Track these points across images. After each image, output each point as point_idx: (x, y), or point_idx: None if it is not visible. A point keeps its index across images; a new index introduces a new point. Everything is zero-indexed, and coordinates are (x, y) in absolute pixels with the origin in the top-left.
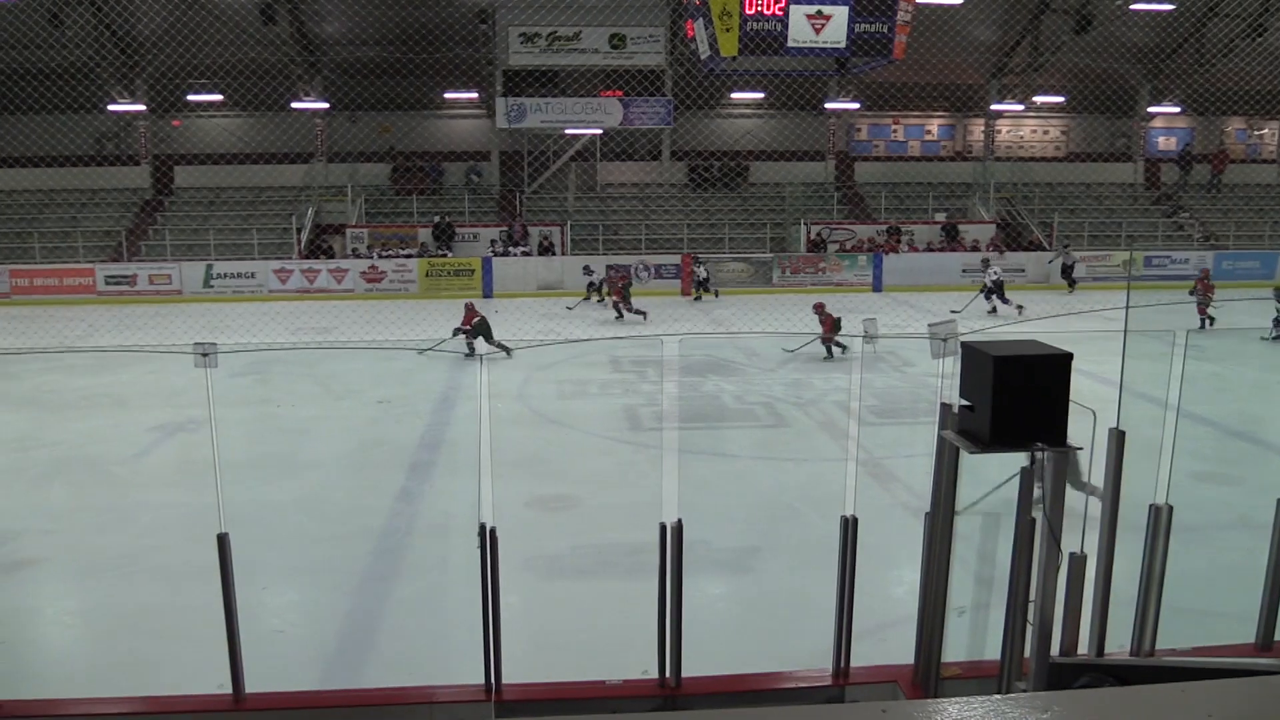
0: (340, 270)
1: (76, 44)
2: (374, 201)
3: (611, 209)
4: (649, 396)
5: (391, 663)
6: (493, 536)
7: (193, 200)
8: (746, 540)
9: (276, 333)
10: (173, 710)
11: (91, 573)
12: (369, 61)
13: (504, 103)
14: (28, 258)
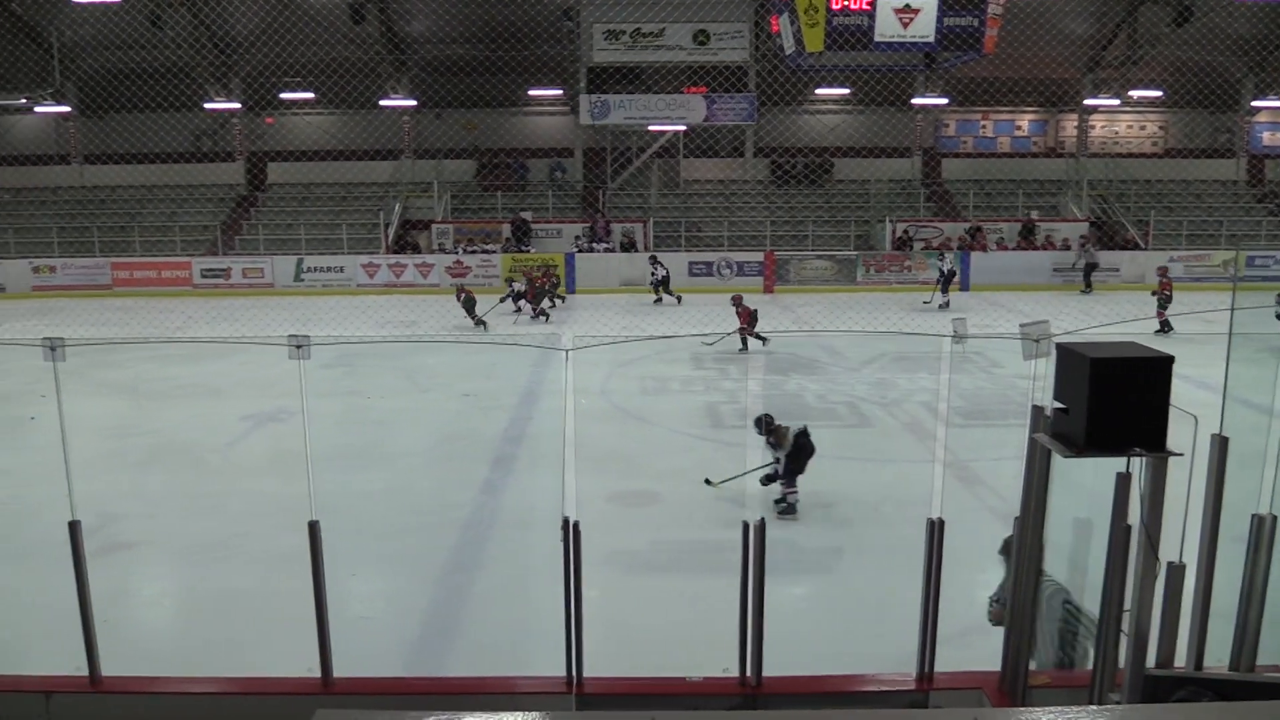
0: (426, 265)
1: (175, 44)
2: (459, 198)
3: (694, 206)
4: (730, 394)
5: (473, 652)
6: (575, 530)
7: (285, 196)
8: (829, 541)
9: (364, 326)
10: (263, 691)
11: (186, 556)
12: (456, 59)
13: (588, 99)
14: (128, 251)
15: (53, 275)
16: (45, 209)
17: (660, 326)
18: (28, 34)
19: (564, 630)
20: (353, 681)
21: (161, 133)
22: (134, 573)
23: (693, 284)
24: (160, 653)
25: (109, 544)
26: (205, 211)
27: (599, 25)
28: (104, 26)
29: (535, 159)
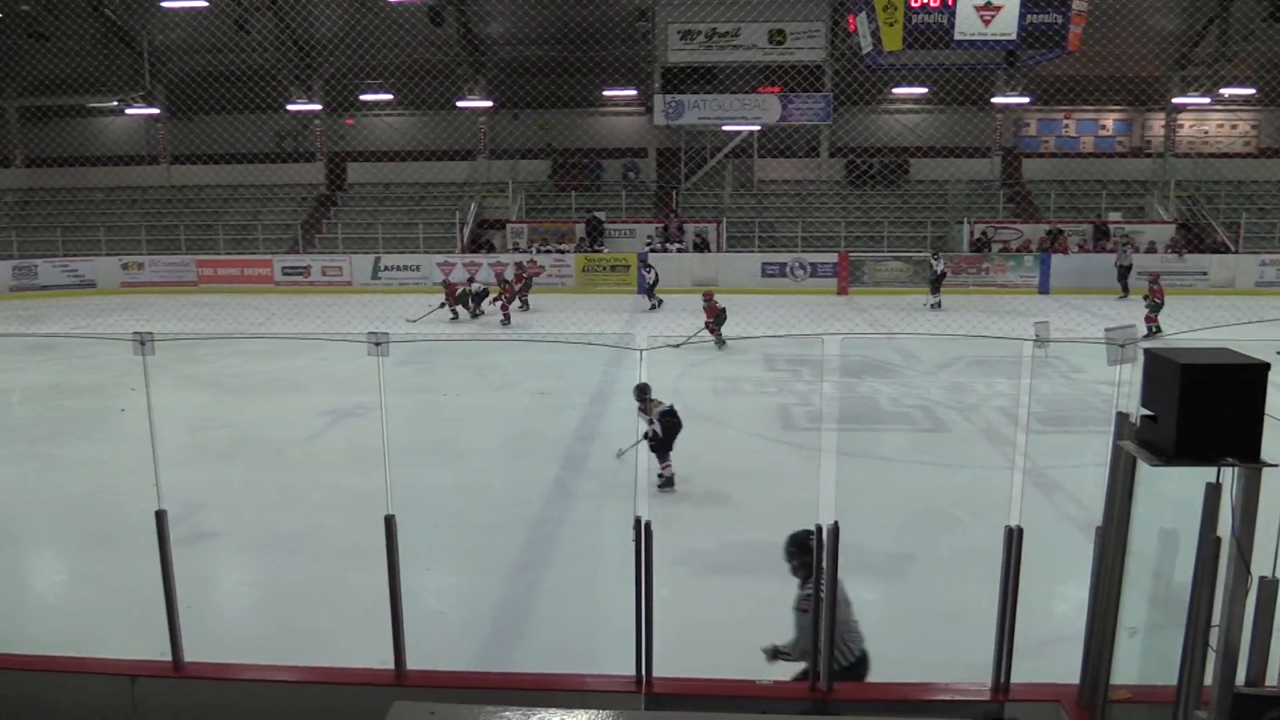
0: (500, 264)
1: (260, 47)
2: (534, 197)
3: (767, 206)
4: (803, 396)
5: (542, 649)
6: (647, 530)
7: (363, 195)
8: (902, 546)
9: (438, 324)
10: (338, 681)
11: (266, 547)
12: (531, 60)
13: (662, 100)
14: (213, 248)
15: (141, 272)
16: (135, 208)
17: (733, 327)
18: (120, 39)
19: (634, 629)
20: (425, 674)
21: (245, 134)
22: (215, 561)
23: (765, 285)
24: (238, 640)
25: (192, 533)
26: (287, 210)
27: (674, 25)
28: (192, 30)
29: (609, 159)
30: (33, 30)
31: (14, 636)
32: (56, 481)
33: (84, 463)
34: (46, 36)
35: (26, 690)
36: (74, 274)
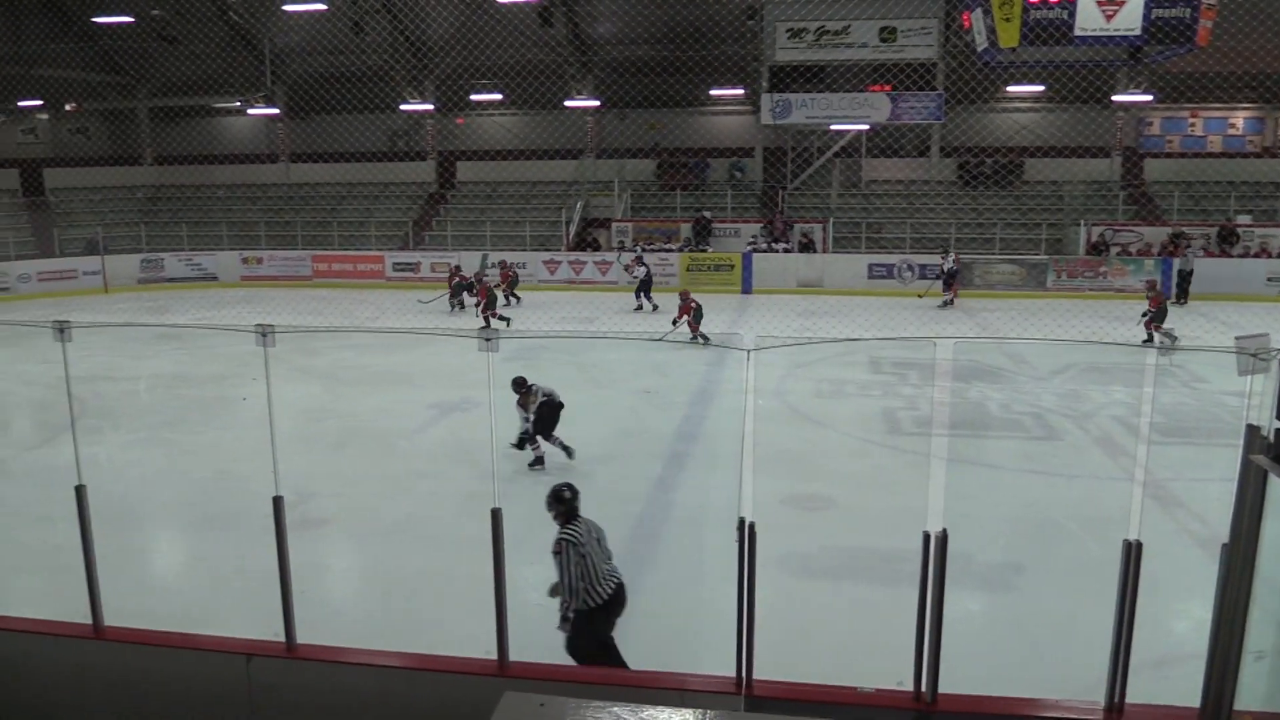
0: (605, 263)
1: (375, 49)
2: (639, 196)
3: (875, 206)
4: (909, 400)
5: (642, 646)
6: (751, 531)
7: (472, 194)
8: (1010, 556)
9: (543, 321)
10: (442, 669)
11: (374, 535)
12: (639, 60)
13: (769, 99)
14: (328, 244)
15: (259, 266)
16: (255, 204)
17: (839, 329)
18: (244, 42)
19: (735, 630)
20: (527, 666)
21: (360, 133)
22: (325, 547)
23: (872, 286)
24: (346, 624)
25: (304, 519)
26: (398, 208)
27: (782, 24)
28: (311, 33)
29: (715, 158)
30: (163, 34)
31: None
32: (179, 465)
33: (204, 448)
34: (176, 40)
35: (148, 664)
36: (197, 267)
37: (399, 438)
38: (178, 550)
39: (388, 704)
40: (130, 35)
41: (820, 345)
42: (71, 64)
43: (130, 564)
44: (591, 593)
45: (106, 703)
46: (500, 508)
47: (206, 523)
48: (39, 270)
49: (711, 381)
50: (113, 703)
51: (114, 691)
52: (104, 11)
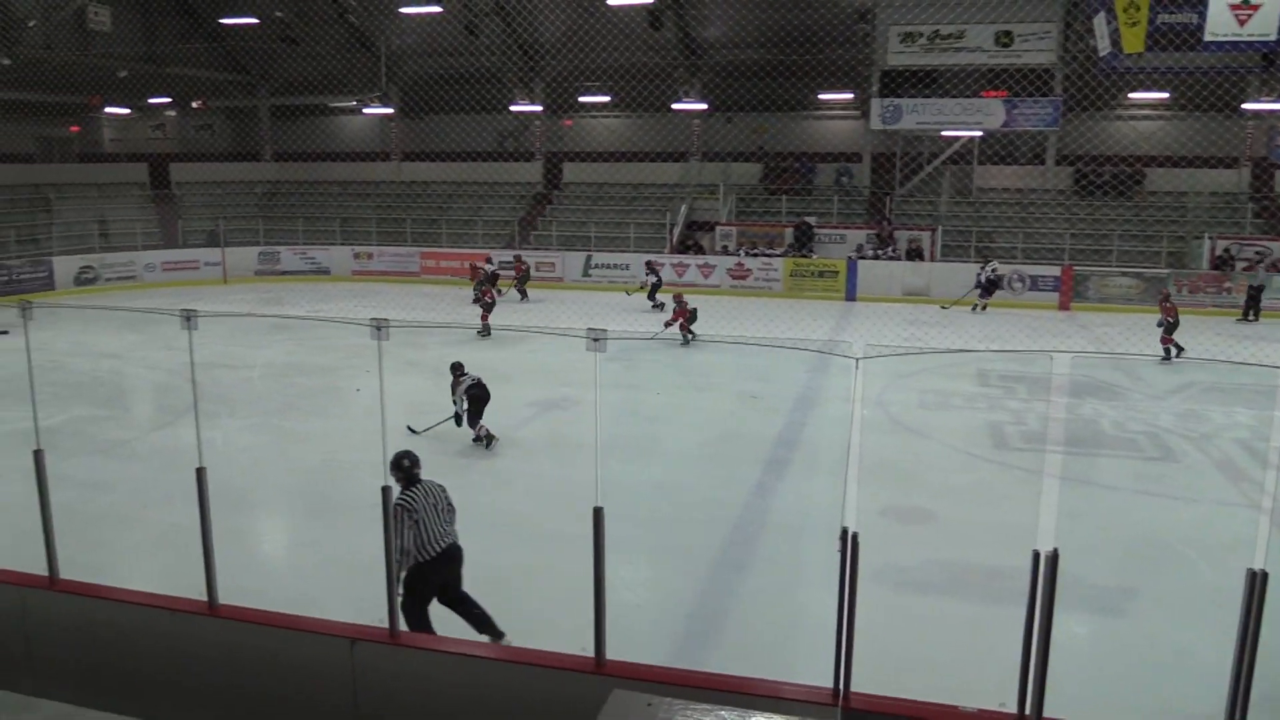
0: (708, 266)
1: (487, 51)
2: (744, 200)
3: (986, 215)
4: (1016, 414)
5: (736, 651)
6: (854, 541)
7: (577, 195)
8: (1121, 580)
9: (644, 322)
10: (539, 663)
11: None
12: (747, 63)
13: (879, 103)
14: (436, 242)
15: (370, 261)
16: (367, 201)
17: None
18: (361, 43)
19: (833, 641)
20: (623, 665)
21: (470, 133)
22: None
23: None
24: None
25: None
26: (505, 208)
27: (895, 28)
28: (426, 35)
29: (822, 163)
30: (285, 35)
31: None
32: (288, 453)
33: (313, 436)
34: (297, 41)
35: (257, 643)
36: (311, 261)
37: (499, 433)
38: (285, 534)
39: (485, 695)
40: (254, 36)
41: (925, 355)
42: (199, 64)
43: (240, 545)
44: (422, 552)
45: (217, 678)
46: (602, 506)
47: (313, 508)
48: (163, 260)
49: (813, 388)
50: (223, 679)
51: (225, 668)
52: (231, 13)
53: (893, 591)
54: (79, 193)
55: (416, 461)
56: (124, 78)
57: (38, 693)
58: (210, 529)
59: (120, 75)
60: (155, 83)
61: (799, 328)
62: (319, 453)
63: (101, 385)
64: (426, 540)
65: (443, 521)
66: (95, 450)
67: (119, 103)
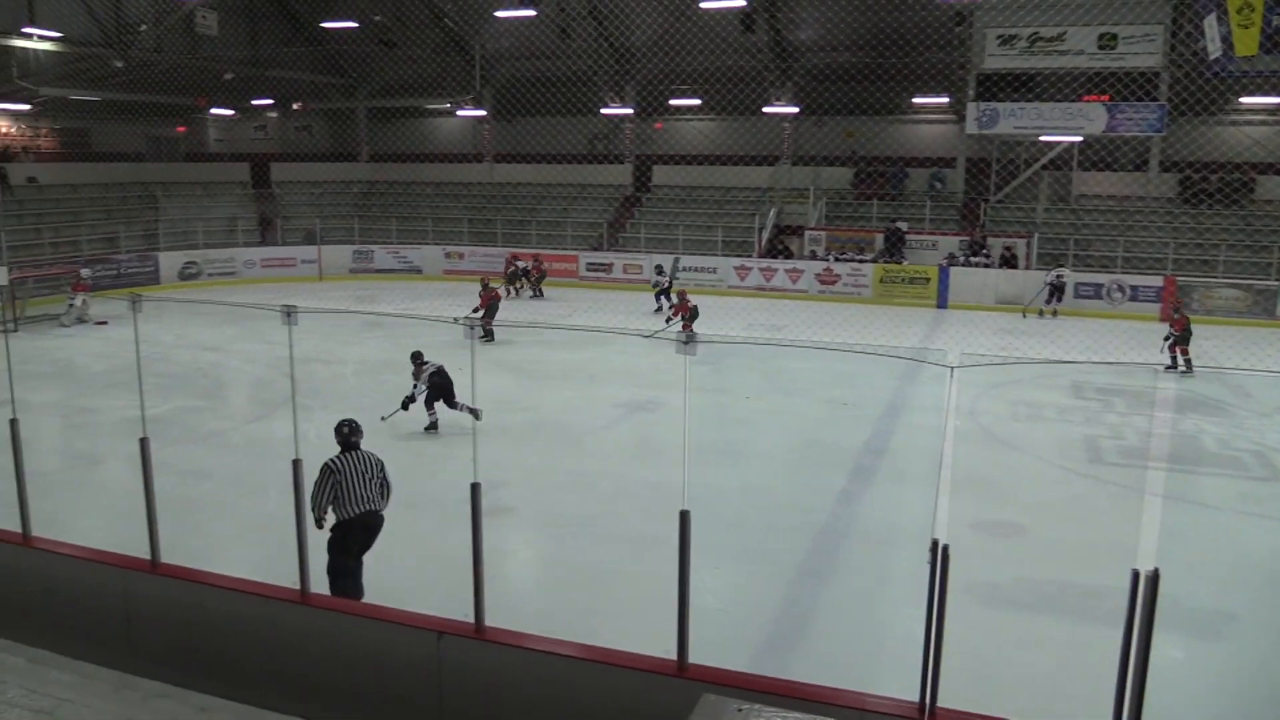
0: (796, 271)
1: (580, 54)
2: (834, 205)
3: (1085, 223)
4: (1114, 429)
5: (818, 660)
6: (945, 554)
7: (666, 197)
8: (1221, 603)
9: (731, 326)
10: (621, 664)
11: (557, 526)
12: (840, 67)
13: (975, 107)
14: (525, 242)
15: (460, 261)
16: (459, 202)
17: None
18: (457, 47)
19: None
20: (705, 669)
21: (561, 135)
22: (510, 535)
23: (1078, 307)
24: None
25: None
26: (594, 209)
27: (993, 30)
28: (520, 38)
29: (914, 168)
30: (383, 39)
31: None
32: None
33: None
34: (394, 45)
35: (346, 633)
36: (404, 260)
37: (585, 434)
38: None
39: (568, 693)
40: (353, 40)
41: (1018, 366)
42: (300, 66)
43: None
44: (340, 511)
45: (307, 666)
46: (688, 510)
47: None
48: (262, 257)
49: (902, 396)
50: (312, 666)
51: (314, 656)
52: (332, 17)
53: (982, 606)
54: (184, 191)
55: (356, 430)
56: (229, 80)
57: (136, 671)
58: (304, 520)
59: (226, 78)
60: (258, 85)
61: (888, 335)
62: (406, 448)
63: (203, 377)
64: (345, 501)
65: (369, 490)
66: (195, 439)
67: (224, 104)
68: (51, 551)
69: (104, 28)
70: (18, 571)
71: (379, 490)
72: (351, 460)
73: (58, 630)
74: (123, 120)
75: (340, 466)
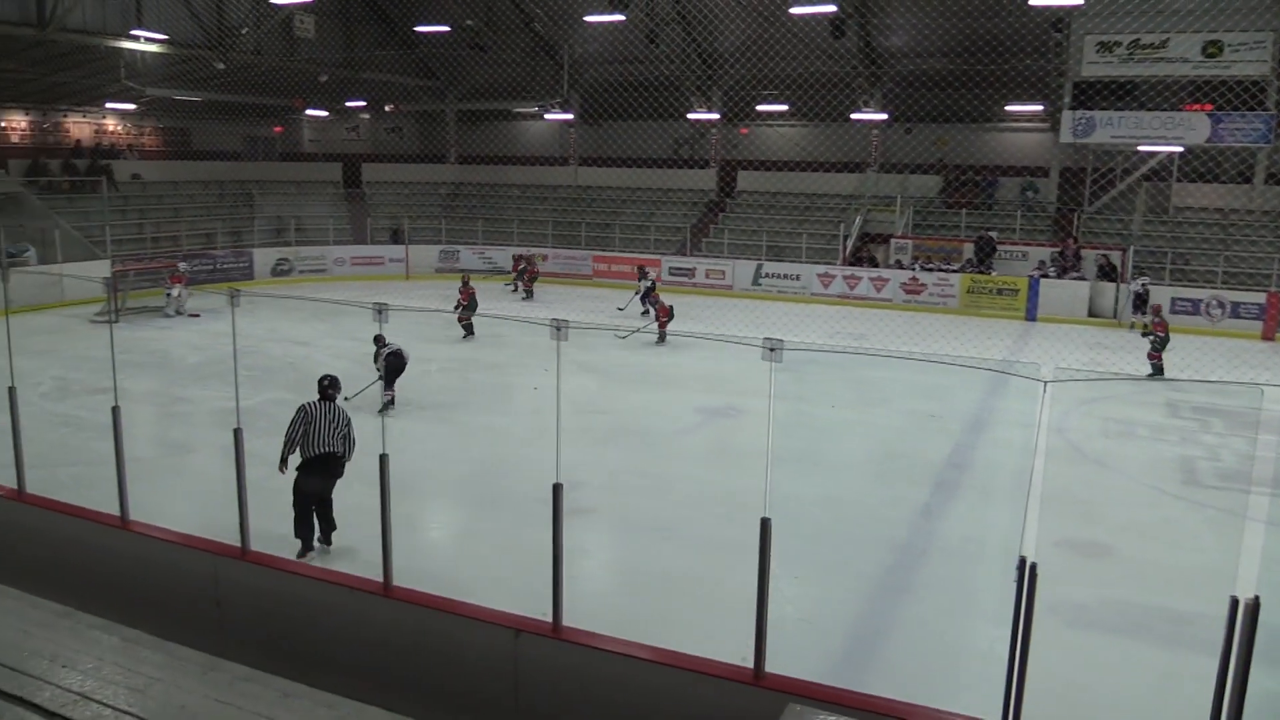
0: (881, 279)
1: (667, 59)
2: (922, 213)
3: (1184, 236)
4: (1211, 449)
5: (896, 676)
6: (1032, 572)
7: (751, 203)
8: None
9: (813, 334)
10: (697, 669)
11: (635, 528)
12: (931, 73)
13: (1071, 116)
14: (609, 246)
15: (544, 263)
16: (544, 204)
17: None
18: (545, 51)
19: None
20: (783, 679)
21: (647, 140)
22: (587, 536)
23: (1175, 322)
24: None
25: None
26: (678, 214)
27: (1092, 37)
28: (608, 43)
29: (1006, 177)
30: (474, 43)
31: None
32: (461, 445)
33: (485, 431)
34: (484, 48)
35: (427, 626)
36: (488, 260)
37: (664, 438)
38: (454, 522)
39: (642, 695)
40: (445, 43)
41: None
42: (392, 69)
43: (411, 529)
44: (305, 450)
45: (387, 657)
46: (770, 518)
47: (483, 499)
48: (352, 255)
49: (987, 410)
50: (392, 658)
51: (395, 647)
52: (425, 21)
53: (1067, 628)
54: (279, 189)
55: (335, 384)
56: (324, 82)
57: (224, 654)
58: (389, 514)
59: (321, 80)
60: (352, 87)
61: (974, 346)
62: (490, 446)
63: (294, 370)
64: (311, 442)
65: (333, 437)
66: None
67: (319, 105)
68: (148, 535)
69: (207, 30)
70: (116, 553)
71: (342, 440)
72: (323, 408)
73: (150, 611)
74: (222, 120)
75: (312, 411)
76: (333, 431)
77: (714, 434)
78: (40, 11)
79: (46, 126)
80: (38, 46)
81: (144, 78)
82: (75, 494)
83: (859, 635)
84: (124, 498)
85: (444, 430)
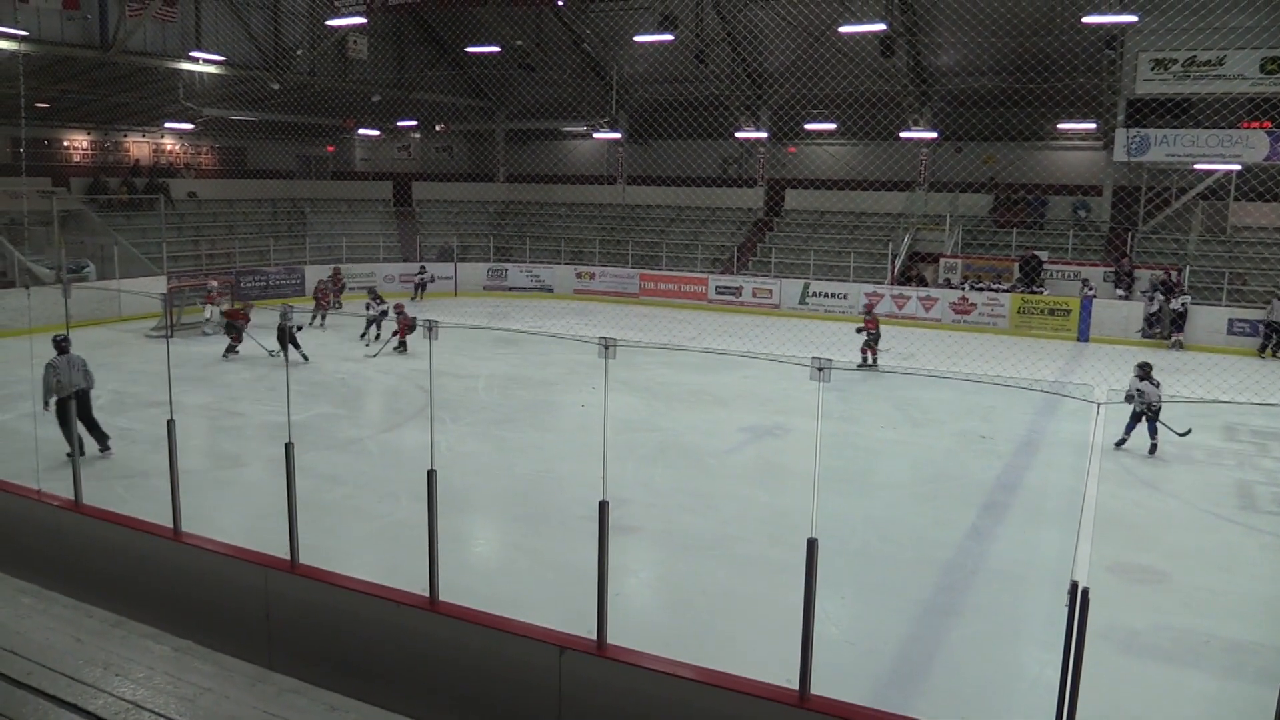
0: (930, 299)
1: (715, 79)
2: (971, 232)
3: (1240, 256)
4: (1270, 474)
5: (943, 699)
6: (1084, 598)
7: (798, 222)
8: None
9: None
10: (741, 690)
11: (680, 547)
12: (981, 92)
13: (1124, 134)
14: (656, 264)
15: (591, 281)
16: (591, 223)
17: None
18: (594, 71)
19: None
20: (828, 702)
21: (694, 159)
22: (632, 554)
23: (1231, 344)
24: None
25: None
26: (725, 232)
27: (1145, 54)
28: (656, 63)
29: (1056, 196)
30: (523, 63)
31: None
32: (506, 461)
33: (530, 447)
34: (534, 69)
35: (471, 641)
36: (536, 278)
37: (710, 456)
38: (498, 537)
39: (686, 715)
40: (495, 64)
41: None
42: (443, 89)
43: (457, 545)
44: (61, 391)
45: (433, 671)
46: (817, 539)
47: (528, 516)
48: (401, 272)
49: (1038, 431)
50: (438, 672)
51: (440, 662)
52: (475, 42)
53: (1119, 653)
54: (330, 208)
55: (67, 340)
56: (376, 102)
57: (272, 666)
58: (436, 529)
59: (373, 100)
60: (403, 107)
61: (1025, 367)
62: (535, 463)
63: (344, 386)
64: (65, 385)
65: (75, 376)
66: (332, 445)
67: (370, 125)
68: (199, 547)
69: (263, 52)
70: (169, 564)
71: (82, 377)
72: (64, 361)
73: (201, 622)
74: (276, 140)
75: (58, 364)
76: (74, 373)
77: (760, 453)
78: (104, 34)
79: (107, 146)
80: (100, 68)
81: (201, 98)
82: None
83: (906, 657)
84: (177, 509)
85: (489, 447)
